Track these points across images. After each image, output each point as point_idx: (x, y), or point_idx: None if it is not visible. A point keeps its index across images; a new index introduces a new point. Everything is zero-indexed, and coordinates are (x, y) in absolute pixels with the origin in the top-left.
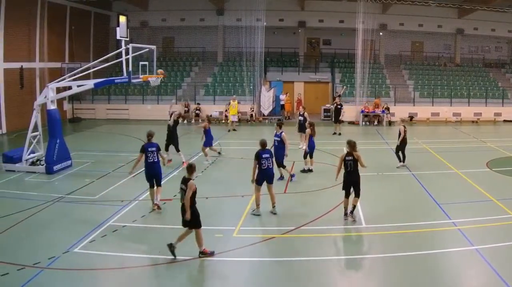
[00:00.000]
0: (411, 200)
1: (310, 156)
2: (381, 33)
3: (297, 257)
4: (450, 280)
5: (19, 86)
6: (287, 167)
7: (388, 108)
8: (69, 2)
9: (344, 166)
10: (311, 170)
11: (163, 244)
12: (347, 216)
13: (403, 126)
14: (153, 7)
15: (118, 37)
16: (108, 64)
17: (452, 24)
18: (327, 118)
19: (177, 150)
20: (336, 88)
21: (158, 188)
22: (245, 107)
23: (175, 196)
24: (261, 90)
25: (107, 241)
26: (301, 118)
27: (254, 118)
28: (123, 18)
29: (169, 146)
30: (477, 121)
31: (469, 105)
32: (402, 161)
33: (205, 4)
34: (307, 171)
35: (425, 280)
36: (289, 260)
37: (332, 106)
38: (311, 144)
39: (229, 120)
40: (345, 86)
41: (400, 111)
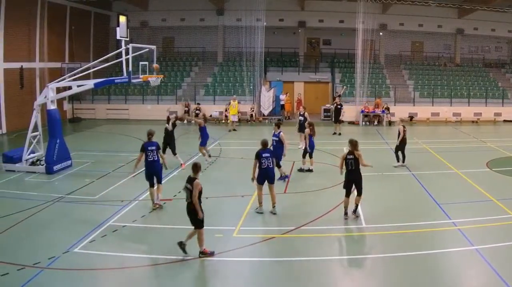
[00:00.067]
0: (411, 200)
1: (310, 156)
2: (381, 33)
3: (297, 257)
4: (450, 280)
5: (19, 86)
6: (282, 167)
7: (388, 108)
8: (69, 2)
9: (345, 164)
10: (311, 170)
11: (163, 244)
12: (347, 215)
13: (403, 126)
14: (153, 7)
15: (118, 37)
16: (108, 64)
17: (452, 24)
18: (327, 118)
19: (173, 153)
20: (336, 88)
21: (159, 185)
22: (245, 107)
23: (175, 196)
24: (261, 90)
25: (107, 241)
26: (301, 118)
27: (254, 118)
28: (123, 18)
29: (165, 148)
30: (477, 121)
31: (469, 105)
32: (402, 161)
33: (205, 4)
34: (306, 170)
35: (425, 280)
36: (289, 260)
37: (332, 106)
38: (311, 143)
39: (229, 120)
40: (345, 86)
41: (400, 111)
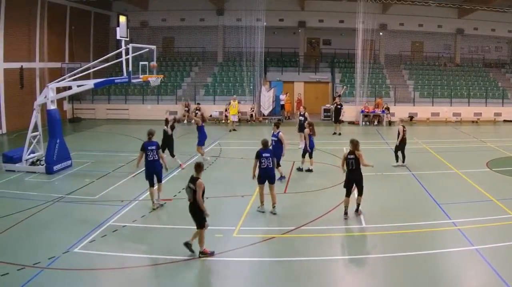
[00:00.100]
0: (411, 200)
1: (310, 156)
2: (381, 33)
3: (297, 257)
4: (450, 280)
5: (19, 86)
6: (281, 167)
7: (388, 108)
8: (69, 2)
9: (346, 164)
10: (311, 170)
11: (163, 244)
12: (347, 215)
13: (402, 126)
14: (153, 7)
15: (118, 37)
16: (108, 64)
17: (452, 24)
18: (327, 118)
19: (172, 155)
20: (336, 88)
21: (159, 184)
22: (245, 107)
23: (175, 196)
24: (261, 90)
25: (107, 241)
26: (301, 118)
27: (254, 118)
28: (123, 18)
29: (164, 150)
30: (477, 121)
31: (469, 105)
32: (402, 161)
33: (205, 4)
34: (306, 170)
35: (425, 280)
36: (289, 260)
37: (332, 106)
38: (311, 143)
39: (229, 120)
40: (345, 86)
41: (400, 111)
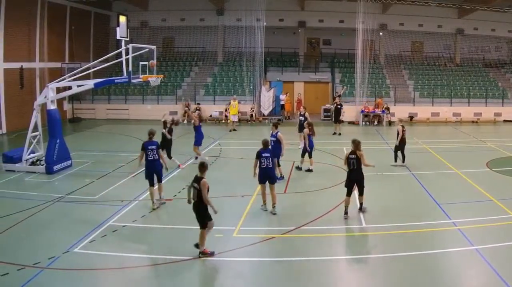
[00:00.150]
0: (411, 200)
1: (309, 156)
2: (381, 33)
3: (297, 257)
4: (450, 280)
5: (19, 86)
6: (281, 167)
7: (388, 108)
8: (69, 2)
9: (347, 164)
10: (311, 170)
11: (163, 244)
12: (347, 215)
13: (401, 126)
14: (153, 7)
15: (118, 37)
16: (108, 64)
17: (452, 24)
18: (327, 118)
19: (169, 157)
20: (336, 88)
21: (159, 184)
22: (245, 107)
23: (175, 196)
24: (261, 90)
25: (107, 241)
26: (301, 118)
27: (254, 118)
28: (123, 18)
29: (162, 151)
30: (477, 121)
31: (469, 105)
32: (402, 161)
33: (205, 4)
34: (306, 170)
35: (425, 280)
36: (289, 260)
37: (332, 106)
38: (310, 143)
39: (229, 120)
40: (345, 86)
41: (400, 111)
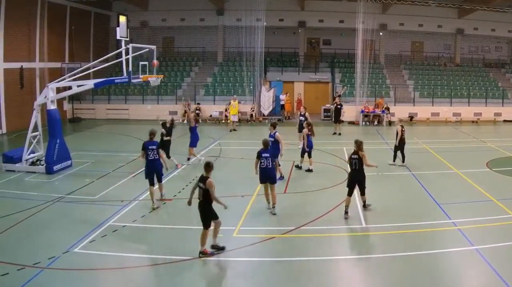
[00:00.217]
0: (411, 200)
1: (309, 156)
2: (381, 33)
3: (297, 257)
4: (450, 280)
5: (19, 86)
6: (281, 167)
7: (388, 108)
8: (69, 2)
9: (349, 164)
10: (311, 170)
11: (163, 244)
12: (347, 214)
13: (401, 126)
14: (153, 7)
15: (118, 37)
16: (108, 64)
17: (452, 24)
18: (327, 118)
19: (167, 157)
20: (336, 88)
21: (160, 184)
22: (245, 107)
23: (175, 196)
24: (261, 90)
25: (107, 241)
26: (301, 118)
27: (254, 119)
28: (123, 18)
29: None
30: (477, 121)
31: (469, 105)
32: (402, 161)
33: (205, 4)
34: (306, 170)
35: (425, 280)
36: (289, 260)
37: (332, 106)
38: (309, 143)
39: (229, 120)
40: (345, 86)
41: (400, 111)
